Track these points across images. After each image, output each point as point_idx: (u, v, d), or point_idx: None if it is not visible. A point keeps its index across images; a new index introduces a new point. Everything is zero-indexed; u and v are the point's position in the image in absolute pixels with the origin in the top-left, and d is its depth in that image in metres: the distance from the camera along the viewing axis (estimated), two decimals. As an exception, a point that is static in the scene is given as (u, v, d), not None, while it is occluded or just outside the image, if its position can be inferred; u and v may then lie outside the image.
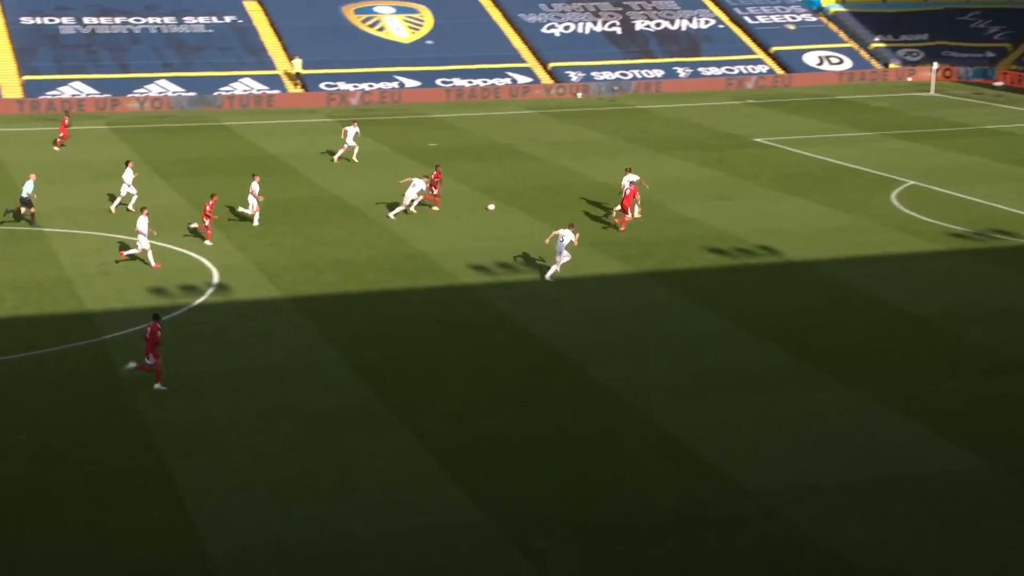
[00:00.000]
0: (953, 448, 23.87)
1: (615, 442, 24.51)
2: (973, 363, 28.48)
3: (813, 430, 24.89)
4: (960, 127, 60.89)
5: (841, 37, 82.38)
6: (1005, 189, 46.30)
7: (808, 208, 43.62)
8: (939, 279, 35.22)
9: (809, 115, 65.17)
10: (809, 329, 31.00)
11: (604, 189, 46.76)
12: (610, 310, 32.55)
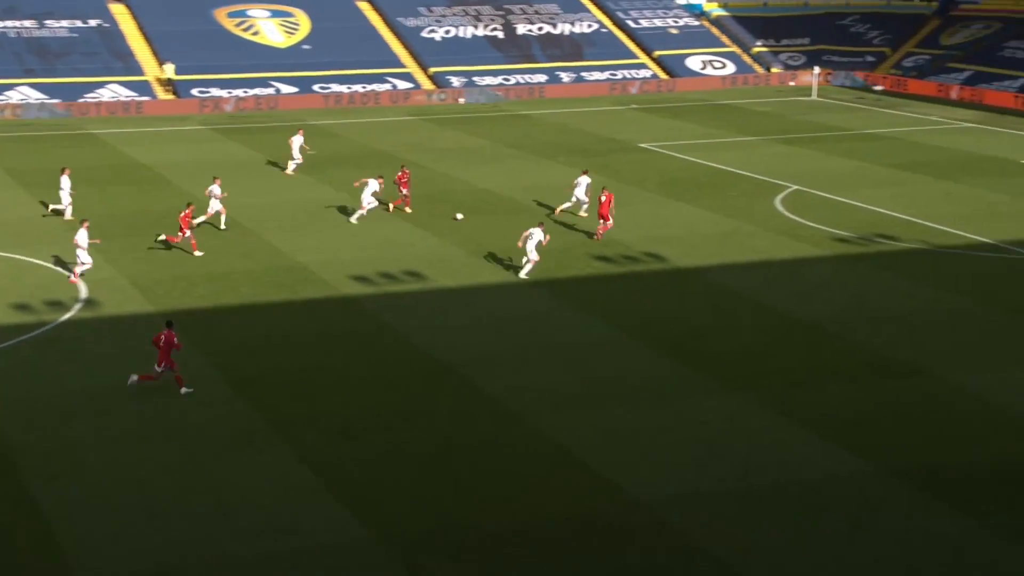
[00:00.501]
0: (839, 453, 24.47)
1: (503, 454, 24.63)
2: (858, 368, 29.24)
3: (701, 438, 25.31)
4: (842, 131, 62.49)
5: (724, 41, 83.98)
6: (886, 193, 47.65)
7: (694, 214, 44.35)
8: (824, 284, 36.09)
9: (693, 120, 66.27)
10: (696, 336, 31.52)
11: (487, 196, 46.95)
12: (496, 320, 32.69)
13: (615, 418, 26.32)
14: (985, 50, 77.22)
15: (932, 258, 38.56)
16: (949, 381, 28.27)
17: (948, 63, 77.27)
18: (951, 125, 64.13)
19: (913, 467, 23.88)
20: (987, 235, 40.96)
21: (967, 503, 22.43)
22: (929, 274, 36.71)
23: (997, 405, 26.90)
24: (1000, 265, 37.89)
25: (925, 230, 41.92)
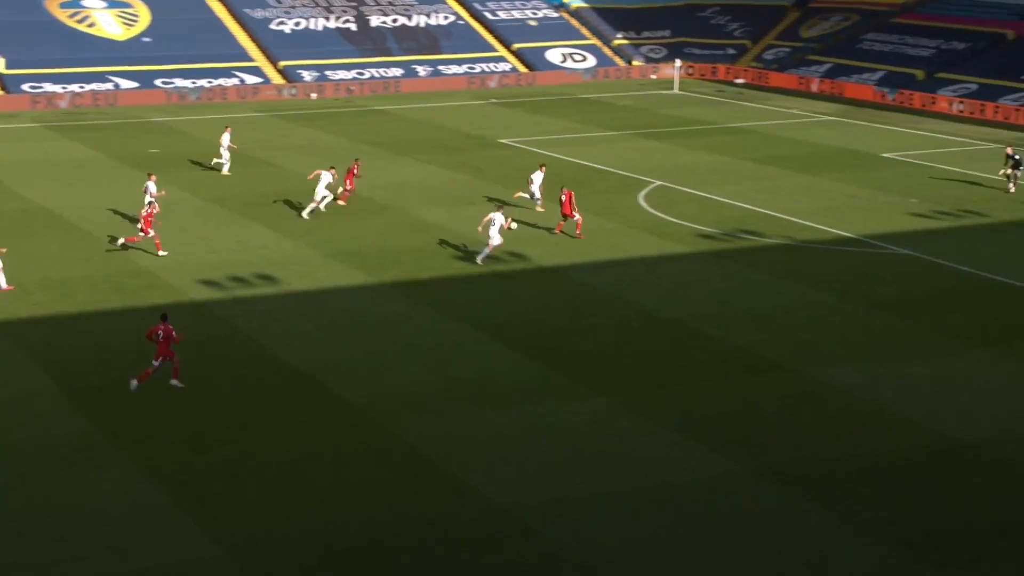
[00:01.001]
0: (706, 454, 24.86)
1: (361, 461, 24.43)
2: (723, 366, 29.75)
3: (566, 441, 25.47)
4: (704, 125, 63.60)
5: (584, 34, 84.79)
6: (750, 188, 48.62)
7: (557, 211, 44.62)
8: (689, 281, 36.65)
9: (554, 115, 66.76)
10: (559, 336, 31.72)
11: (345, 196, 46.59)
12: (352, 323, 32.44)
13: (477, 422, 26.32)
14: (844, 43, 79.37)
15: (795, 253, 39.46)
16: (814, 377, 28.94)
17: (808, 56, 79.21)
18: (812, 118, 65.77)
19: (779, 465, 24.37)
20: (848, 229, 42.08)
21: (834, 500, 22.97)
22: (792, 270, 37.55)
23: (862, 400, 27.62)
24: (861, 260, 38.96)
25: (788, 225, 42.88)
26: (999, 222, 42.99)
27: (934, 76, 70.94)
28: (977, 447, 25.10)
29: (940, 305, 34.21)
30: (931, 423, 26.28)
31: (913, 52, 74.52)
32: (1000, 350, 30.60)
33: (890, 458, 24.68)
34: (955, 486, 23.57)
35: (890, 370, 29.39)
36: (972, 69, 69.70)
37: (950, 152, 55.78)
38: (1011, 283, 35.91)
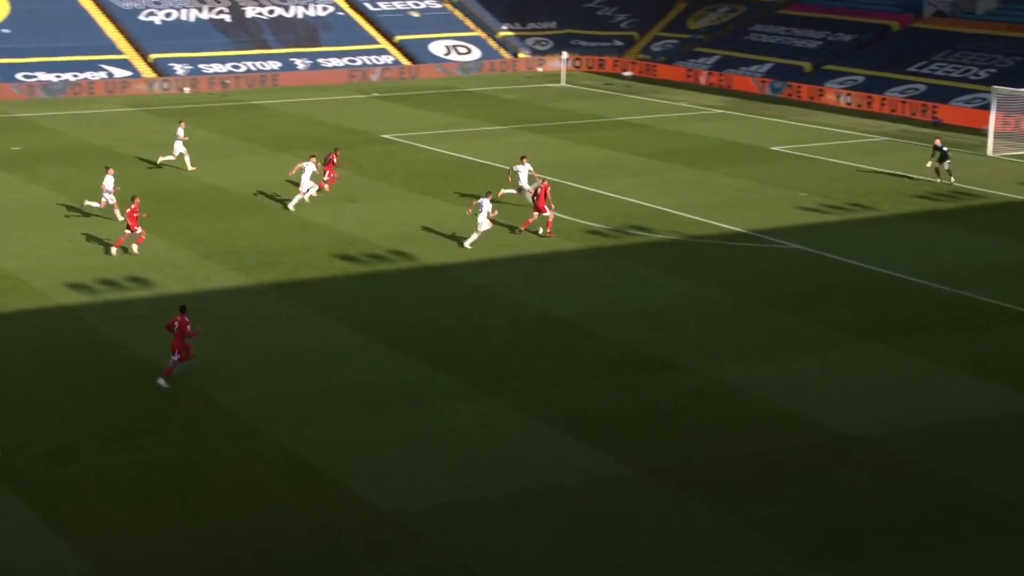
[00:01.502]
0: (597, 455, 25.08)
1: (242, 469, 24.19)
2: (614, 365, 30.03)
3: (454, 444, 25.50)
4: (592, 119, 64.10)
5: (468, 25, 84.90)
6: (639, 183, 49.12)
7: (442, 208, 44.66)
8: (578, 279, 36.92)
9: (438, 109, 66.73)
10: (447, 337, 31.74)
11: (217, 194, 46.03)
12: (231, 327, 32.09)
13: (363, 427, 26.24)
14: (731, 34, 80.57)
15: (685, 249, 39.97)
16: (705, 375, 29.36)
17: (696, 48, 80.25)
18: (700, 111, 66.66)
19: (672, 465, 24.68)
20: (739, 224, 42.74)
21: (727, 499, 23.34)
22: (683, 266, 38.04)
23: (753, 398, 28.10)
24: (752, 255, 39.62)
25: (678, 220, 43.42)
26: (887, 215, 44.02)
27: (821, 68, 72.36)
28: (868, 443, 25.69)
29: (830, 300, 34.93)
30: (822, 419, 26.83)
31: (800, 44, 75.92)
32: (889, 344, 31.35)
33: (782, 455, 25.15)
34: (847, 482, 24.10)
35: (781, 366, 29.94)
36: (859, 61, 71.23)
37: (838, 145, 56.96)
38: (899, 276, 36.80)
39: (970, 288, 35.48)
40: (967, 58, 67.16)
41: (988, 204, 45.48)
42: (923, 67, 67.85)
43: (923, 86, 65.89)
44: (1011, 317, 33.32)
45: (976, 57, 66.89)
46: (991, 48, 67.06)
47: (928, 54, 68.86)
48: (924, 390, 28.50)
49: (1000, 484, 23.86)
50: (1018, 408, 27.43)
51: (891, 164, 51.70)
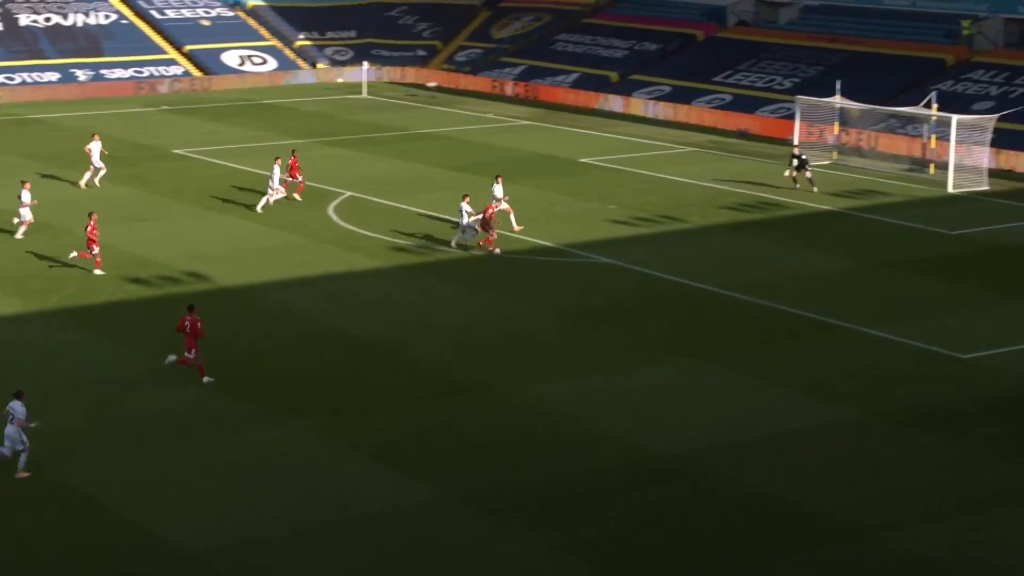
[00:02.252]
0: (406, 481, 25.04)
1: (26, 509, 23.44)
2: (423, 387, 30.06)
3: (255, 475, 25.17)
4: (396, 131, 64.13)
5: (263, 35, 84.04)
6: (445, 197, 49.26)
7: (239, 226, 44.08)
8: (384, 297, 36.86)
9: (234, 122, 65.88)
10: (246, 361, 31.33)
11: None
12: (12, 356, 31.09)
13: (157, 461, 25.69)
14: (537, 43, 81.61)
15: (493, 265, 40.26)
16: (516, 395, 29.61)
17: (501, 57, 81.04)
18: (508, 123, 67.31)
19: (483, 489, 24.80)
20: (548, 238, 43.28)
21: (541, 522, 23.55)
22: (490, 282, 38.31)
23: (565, 417, 28.44)
24: (562, 270, 40.16)
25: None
26: (697, 227, 45.15)
27: (628, 78, 73.85)
28: (684, 460, 26.25)
29: (642, 315, 35.64)
30: (637, 437, 27.31)
31: (606, 53, 77.36)
32: (702, 359, 32.13)
33: (597, 475, 25.52)
34: (664, 501, 24.58)
35: (594, 384, 30.39)
36: (665, 71, 72.91)
37: (647, 156, 58.16)
38: (710, 289, 37.77)
39: (778, 299, 36.63)
40: (771, 68, 69.42)
41: (794, 215, 47.05)
42: (729, 77, 69.85)
43: (729, 96, 67.82)
44: (819, 328, 34.51)
45: (780, 67, 69.18)
46: (794, 58, 69.47)
47: (733, 64, 70.93)
48: (738, 404, 29.28)
49: (815, 497, 24.64)
50: (829, 420, 28.40)
51: (700, 174, 53.06)
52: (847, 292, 37.75)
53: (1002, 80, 60.75)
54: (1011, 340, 33.18)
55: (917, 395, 29.74)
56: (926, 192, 50.80)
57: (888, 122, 57.70)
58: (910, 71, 64.39)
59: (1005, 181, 51.99)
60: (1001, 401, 29.42)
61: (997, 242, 43.24)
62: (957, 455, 26.48)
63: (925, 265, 40.26)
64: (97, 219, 38.36)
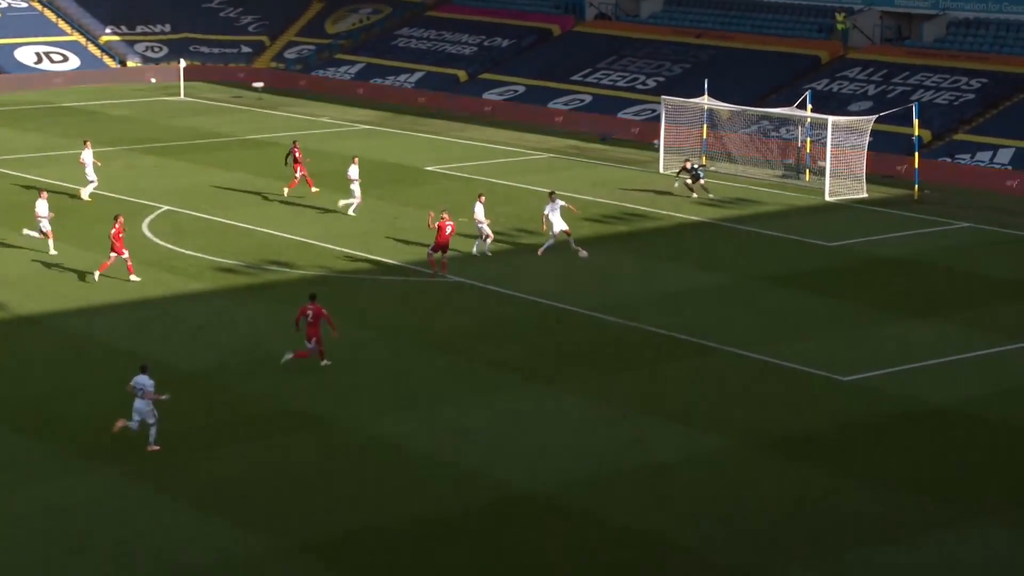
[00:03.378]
0: (237, 530, 24.84)
1: None
2: (257, 423, 29.88)
3: (62, 528, 24.80)
4: (219, 138, 63.59)
5: (63, 28, 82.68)
6: (276, 211, 49.06)
7: (39, 245, 43.25)
8: (209, 324, 36.56)
9: (30, 128, 64.81)
10: (46, 401, 30.91)
11: None
12: None
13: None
14: (376, 39, 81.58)
15: (334, 286, 40.10)
16: (360, 430, 29.59)
17: (336, 55, 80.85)
18: (345, 127, 67.17)
19: (325, 536, 24.73)
20: (394, 256, 43.29)
21: (387, 569, 23.60)
22: (330, 305, 38.10)
23: (414, 452, 28.47)
24: (407, 289, 40.24)
25: (323, 253, 43.60)
26: (555, 241, 45.56)
27: (478, 77, 74.21)
28: (540, 496, 26.46)
29: (495, 338, 35.88)
30: (490, 472, 27.49)
31: (454, 50, 77.63)
32: (561, 385, 32.46)
33: (447, 516, 25.59)
34: (517, 542, 24.75)
35: (443, 416, 30.50)
36: (518, 69, 73.36)
37: (500, 163, 58.54)
38: (570, 309, 38.16)
39: (646, 320, 37.18)
40: (634, 65, 70.32)
41: (661, 227, 47.79)
42: (588, 75, 70.60)
43: (589, 96, 68.55)
44: (690, 349, 35.12)
45: (643, 64, 70.13)
46: (658, 55, 70.45)
47: (592, 61, 71.70)
48: (602, 435, 29.62)
49: (687, 534, 25.05)
50: (702, 450, 28.91)
51: (558, 183, 53.55)
52: (720, 310, 38.49)
53: (879, 78, 62.53)
54: (893, 361, 34.15)
55: (796, 421, 30.44)
56: (802, 200, 52.05)
57: (760, 124, 58.93)
58: (782, 69, 65.90)
59: (884, 188, 53.51)
60: (883, 426, 30.26)
61: (878, 254, 44.49)
62: (836, 485, 27.16)
63: (803, 280, 41.24)
64: (123, 222, 40.17)
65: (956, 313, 38.06)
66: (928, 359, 34.37)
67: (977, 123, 58.25)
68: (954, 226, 48.11)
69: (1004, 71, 60.48)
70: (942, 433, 29.99)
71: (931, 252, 44.73)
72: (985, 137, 56.64)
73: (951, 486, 27.22)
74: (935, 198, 51.92)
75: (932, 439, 29.63)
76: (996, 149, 55.37)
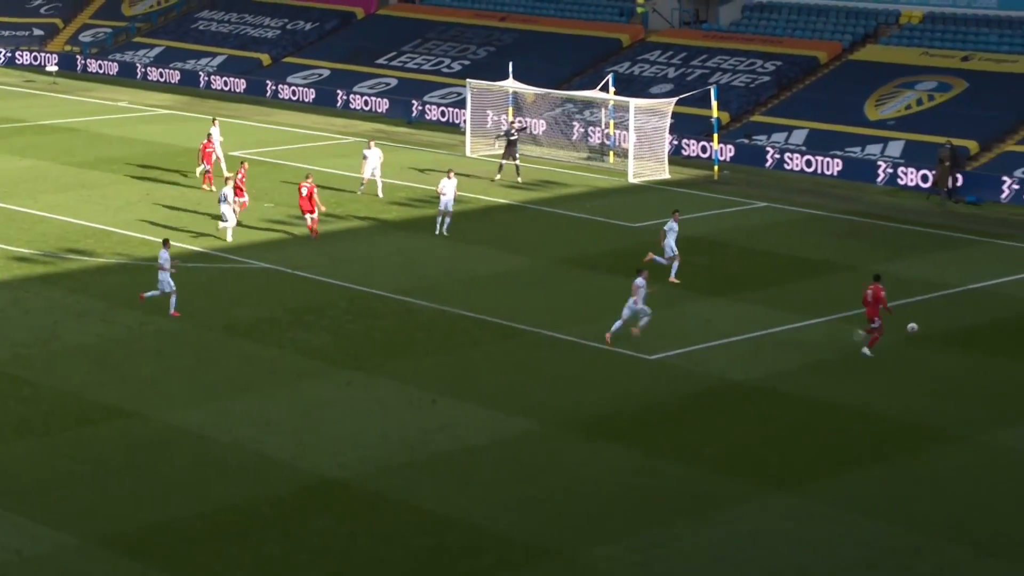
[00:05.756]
0: (35, 527, 24.24)
1: None
2: (53, 418, 29.14)
3: None
4: (10, 123, 61.96)
5: None
6: (74, 198, 47.85)
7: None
8: (4, 315, 35.51)
9: None
10: None
11: None
12: None
13: None
14: (176, 21, 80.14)
15: (134, 275, 39.25)
16: (163, 421, 29.02)
17: (135, 38, 79.21)
18: (144, 112, 65.88)
19: (127, 529, 24.21)
20: (195, 242, 42.55)
21: (190, 563, 23.18)
22: (131, 295, 37.26)
23: (221, 442, 28.03)
24: (213, 277, 39.57)
25: (123, 240, 42.67)
26: (364, 226, 45.27)
27: (281, 61, 73.37)
28: (351, 484, 26.27)
29: (305, 325, 35.46)
30: (300, 461, 27.19)
31: (256, 33, 76.62)
32: (372, 371, 32.23)
33: (255, 507, 25.23)
34: (328, 531, 24.49)
35: (252, 405, 30.08)
36: (322, 53, 72.73)
37: (306, 148, 57.97)
38: (380, 294, 37.90)
39: (454, 303, 37.12)
40: (439, 49, 70.19)
41: (469, 210, 47.74)
42: (393, 59, 70.28)
43: (394, 80, 68.26)
44: (498, 332, 35.16)
45: (448, 48, 70.04)
46: (463, 38, 70.45)
47: (397, 44, 71.38)
48: (412, 420, 29.49)
49: (497, 517, 25.08)
50: (510, 433, 28.96)
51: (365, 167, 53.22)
52: (528, 292, 38.62)
53: (679, 61, 63.39)
54: (696, 339, 34.66)
55: (603, 401, 30.68)
56: (606, 182, 52.52)
57: (564, 107, 59.33)
58: (585, 52, 66.42)
59: (685, 169, 54.27)
60: (687, 403, 30.69)
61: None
62: (643, 463, 27.43)
63: (608, 261, 41.58)
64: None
65: (755, 291, 38.75)
66: (729, 336, 34.93)
67: (772, 105, 59.43)
68: (752, 206, 49.01)
69: (797, 54, 61.82)
70: (744, 408, 30.52)
71: (730, 231, 45.50)
72: (780, 119, 57.82)
73: (754, 461, 27.69)
74: (733, 178, 52.86)
75: (734, 415, 30.13)
76: (790, 130, 56.56)
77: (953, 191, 49.87)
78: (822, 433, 29.19)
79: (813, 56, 61.36)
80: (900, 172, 51.82)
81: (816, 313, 36.65)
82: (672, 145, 54.54)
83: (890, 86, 57.49)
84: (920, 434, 29.00)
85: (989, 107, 54.63)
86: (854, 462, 27.62)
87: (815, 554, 23.95)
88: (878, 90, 57.45)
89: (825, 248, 43.12)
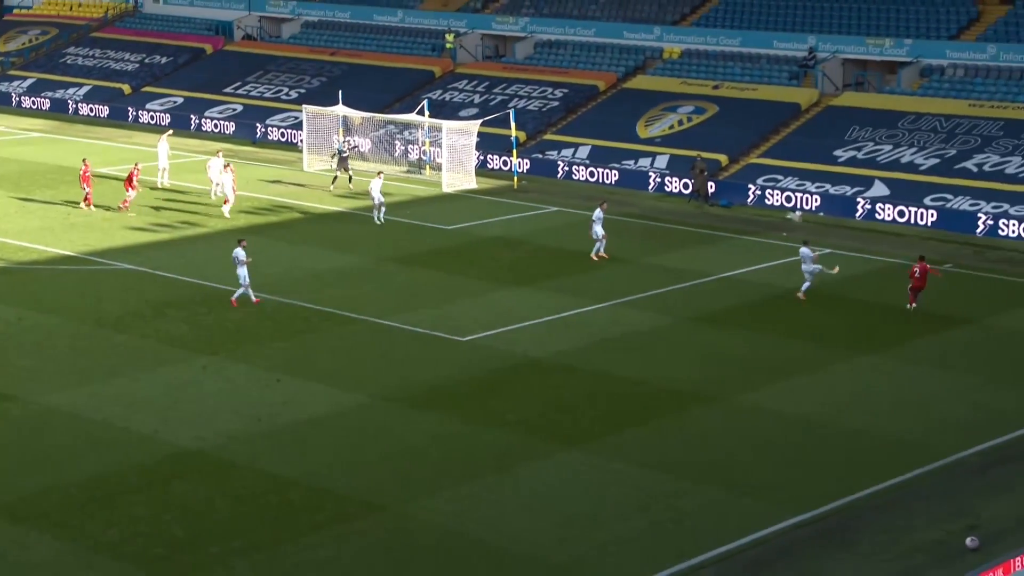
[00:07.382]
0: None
1: None
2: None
3: None
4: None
5: None
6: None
7: None
8: None
9: None
10: None
11: None
12: None
13: None
14: (46, 57, 77.72)
15: (12, 276, 38.02)
16: (40, 404, 28.15)
17: (10, 71, 76.65)
18: (19, 135, 63.67)
19: (6, 500, 23.36)
20: (67, 247, 41.33)
21: (71, 527, 22.55)
22: (10, 293, 36.04)
23: (92, 421, 27.22)
24: (83, 278, 38.45)
25: (2, 247, 41.18)
26: (215, 231, 44.41)
27: (141, 90, 71.62)
28: (206, 454, 25.79)
29: (165, 317, 34.68)
30: (162, 436, 26.67)
31: (118, 66, 74.68)
32: (226, 356, 31.66)
33: (122, 476, 24.67)
34: (186, 494, 24.03)
35: (120, 388, 29.37)
36: (177, 83, 71.28)
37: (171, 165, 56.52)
38: (229, 289, 37.20)
39: (298, 296, 36.68)
40: (278, 79, 69.23)
41: (307, 216, 47.23)
42: (238, 88, 69.13)
43: (240, 106, 67.14)
44: (331, 320, 34.83)
45: (286, 78, 69.13)
46: (298, 70, 69.65)
47: (242, 75, 70.28)
48: (260, 397, 29.06)
49: (335, 478, 24.88)
50: (346, 405, 28.74)
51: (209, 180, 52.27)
52: (359, 286, 38.32)
53: (483, 89, 63.57)
54: (500, 323, 34.81)
55: (424, 376, 30.61)
56: (424, 192, 52.38)
57: (387, 128, 59.01)
58: (403, 82, 66.16)
59: (490, 180, 54.47)
60: (495, 377, 30.82)
61: (486, 235, 45.21)
62: (459, 429, 27.48)
63: (426, 258, 41.49)
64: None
65: (549, 281, 39.03)
66: (529, 320, 35.14)
67: (561, 125, 59.87)
68: (545, 210, 49.34)
69: (580, 83, 62.38)
70: (542, 380, 30.73)
71: (528, 232, 45.76)
72: (567, 137, 58.29)
73: (551, 423, 27.93)
74: (530, 187, 53.16)
75: (534, 386, 30.33)
76: (576, 147, 57.05)
77: (708, 196, 50.92)
78: (606, 399, 29.56)
79: (594, 85, 62.01)
80: (666, 181, 52.69)
81: (600, 299, 37.08)
82: (478, 160, 54.69)
83: (656, 110, 58.42)
84: (685, 397, 29.56)
85: (736, 127, 55.87)
86: (631, 423, 28.03)
87: (601, 499, 24.27)
88: (647, 113, 58.32)
89: (606, 244, 43.64)
